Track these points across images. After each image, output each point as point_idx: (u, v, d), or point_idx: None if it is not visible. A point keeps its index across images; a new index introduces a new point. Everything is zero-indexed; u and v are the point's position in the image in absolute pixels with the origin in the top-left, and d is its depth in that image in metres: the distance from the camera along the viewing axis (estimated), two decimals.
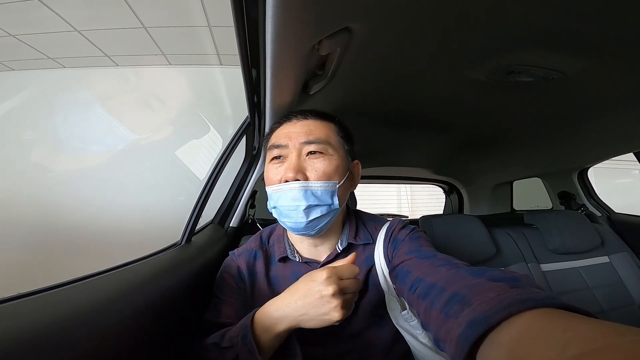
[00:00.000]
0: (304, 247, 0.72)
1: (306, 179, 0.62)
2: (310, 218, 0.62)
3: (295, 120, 0.69)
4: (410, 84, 0.80)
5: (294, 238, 0.73)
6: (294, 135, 0.66)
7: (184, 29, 2.42)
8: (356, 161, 0.73)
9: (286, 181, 0.62)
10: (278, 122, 0.72)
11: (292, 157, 0.64)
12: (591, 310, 0.31)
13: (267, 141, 0.71)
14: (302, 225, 0.63)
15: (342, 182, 0.65)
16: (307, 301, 0.52)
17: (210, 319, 0.66)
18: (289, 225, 0.65)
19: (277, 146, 0.66)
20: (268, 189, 0.66)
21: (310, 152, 0.64)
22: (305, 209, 0.61)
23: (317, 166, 0.64)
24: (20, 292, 0.44)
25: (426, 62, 0.69)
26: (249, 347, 0.52)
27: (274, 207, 0.65)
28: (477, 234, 1.41)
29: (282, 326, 0.53)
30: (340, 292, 0.52)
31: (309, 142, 0.64)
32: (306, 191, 0.61)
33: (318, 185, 0.62)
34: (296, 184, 0.61)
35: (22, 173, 2.75)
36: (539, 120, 1.08)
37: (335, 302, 0.51)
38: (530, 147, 1.44)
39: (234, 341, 0.54)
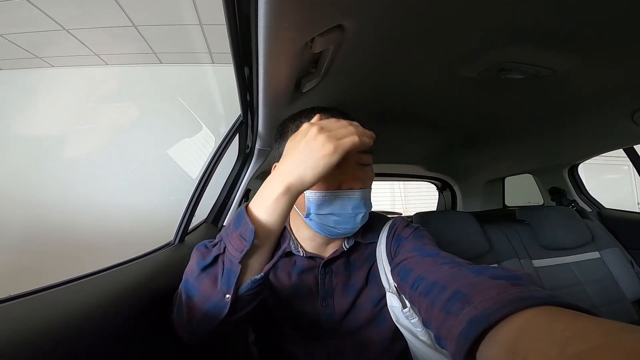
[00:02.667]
0: (313, 244, 0.69)
1: (363, 187, 0.62)
2: (362, 223, 0.63)
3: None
4: (403, 81, 0.80)
5: (301, 235, 0.70)
6: None
7: (175, 27, 2.39)
8: None
9: (350, 189, 0.61)
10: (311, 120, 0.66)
11: (351, 165, 0.62)
12: (583, 306, 0.31)
13: None
14: (354, 229, 0.63)
15: None
16: (300, 153, 0.50)
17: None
18: (340, 231, 0.62)
19: None
20: (318, 193, 0.61)
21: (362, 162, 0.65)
22: (363, 216, 0.62)
23: (370, 175, 0.66)
24: (12, 294, 0.44)
25: (418, 60, 0.69)
26: (243, 228, 0.49)
27: (330, 214, 0.61)
28: (470, 231, 1.43)
29: (281, 187, 0.49)
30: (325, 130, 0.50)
31: (363, 152, 0.65)
32: (365, 199, 0.62)
33: (369, 192, 0.64)
34: (358, 193, 0.61)
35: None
36: (530, 116, 1.09)
37: (322, 136, 0.49)
38: (521, 143, 1.46)
39: (221, 234, 0.52)
